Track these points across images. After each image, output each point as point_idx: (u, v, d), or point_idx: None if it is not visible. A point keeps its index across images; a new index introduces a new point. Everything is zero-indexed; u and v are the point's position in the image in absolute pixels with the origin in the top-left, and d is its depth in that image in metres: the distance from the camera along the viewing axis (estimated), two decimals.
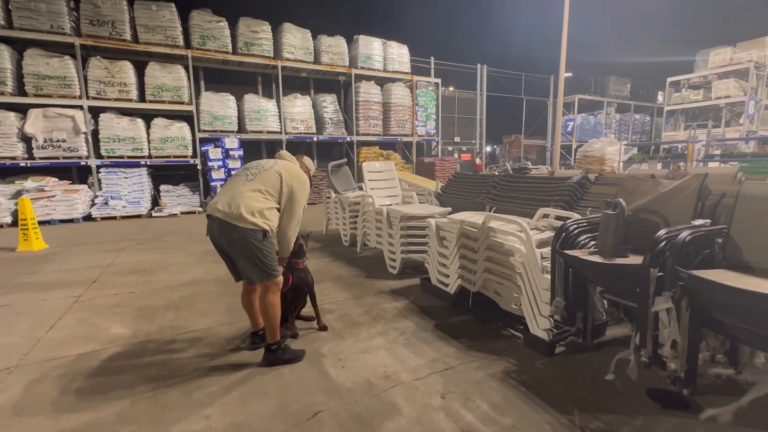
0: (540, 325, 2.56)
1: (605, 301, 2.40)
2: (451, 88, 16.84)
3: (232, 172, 10.17)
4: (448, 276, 3.40)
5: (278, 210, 2.46)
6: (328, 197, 6.50)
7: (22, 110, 8.46)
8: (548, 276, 2.43)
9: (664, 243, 1.84)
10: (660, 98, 20.38)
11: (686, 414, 1.94)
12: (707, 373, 2.10)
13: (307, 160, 2.88)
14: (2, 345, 2.80)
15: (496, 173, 5.22)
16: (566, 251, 2.26)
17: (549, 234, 2.87)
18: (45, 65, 8.51)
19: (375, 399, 2.09)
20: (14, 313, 3.39)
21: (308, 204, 8.50)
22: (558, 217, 3.16)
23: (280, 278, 2.48)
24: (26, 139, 8.51)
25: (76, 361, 2.57)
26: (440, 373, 2.33)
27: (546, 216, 3.27)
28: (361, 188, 5.91)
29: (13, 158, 8.41)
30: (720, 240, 1.96)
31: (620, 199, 2.18)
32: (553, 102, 18.73)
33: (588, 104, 19.25)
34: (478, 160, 16.25)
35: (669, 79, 16.99)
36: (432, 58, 15.18)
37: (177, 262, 5.09)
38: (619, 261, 2.07)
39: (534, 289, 2.56)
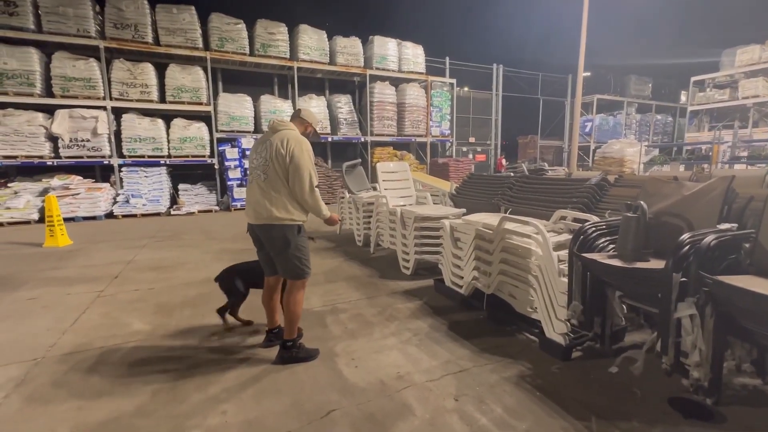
0: (556, 329, 2.51)
1: (624, 306, 2.34)
2: (466, 89, 16.72)
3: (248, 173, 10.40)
4: (462, 277, 3.37)
5: None
6: (342, 197, 6.54)
7: (49, 111, 8.78)
8: (565, 279, 2.38)
9: (687, 247, 1.79)
10: (683, 98, 19.77)
11: (709, 425, 1.87)
12: (732, 382, 2.03)
13: (306, 113, 2.62)
14: (30, 337, 2.91)
15: (512, 174, 5.15)
16: (584, 254, 2.22)
17: (566, 236, 2.82)
18: (71, 67, 8.83)
19: (388, 399, 2.09)
20: (40, 307, 3.52)
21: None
22: (576, 220, 3.09)
23: (306, 282, 2.53)
24: (53, 139, 8.83)
25: (99, 354, 2.65)
26: (454, 375, 2.32)
27: (563, 218, 3.21)
28: (375, 189, 5.92)
29: (41, 157, 8.74)
30: (747, 245, 1.89)
31: (641, 202, 2.12)
32: (570, 102, 18.38)
33: (607, 104, 18.83)
34: (504, 161, 16.04)
35: (693, 78, 16.48)
36: (447, 58, 15.10)
37: (194, 259, 5.20)
38: (639, 265, 2.02)
39: (550, 293, 2.52)
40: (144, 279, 4.35)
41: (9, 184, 8.59)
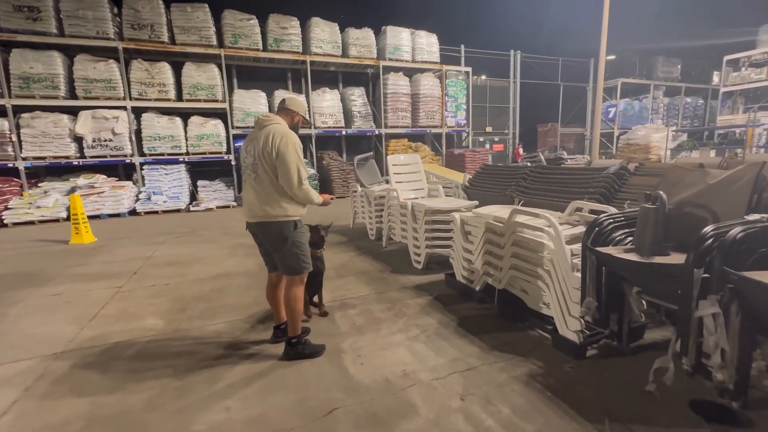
0: (570, 326, 2.41)
1: (644, 302, 2.22)
2: (483, 77, 16.31)
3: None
4: (473, 272, 3.29)
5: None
6: (355, 191, 6.50)
7: (73, 112, 9.09)
8: (579, 274, 2.27)
9: (711, 240, 1.66)
10: (715, 79, 18.64)
11: (735, 429, 1.75)
12: (762, 384, 1.88)
13: (290, 102, 2.53)
14: (52, 331, 3.03)
15: (528, 164, 4.98)
16: (599, 248, 2.10)
17: (581, 229, 2.69)
18: (93, 69, 9.08)
19: (392, 398, 2.06)
20: (64, 302, 3.66)
21: (337, 198, 8.50)
22: (592, 211, 2.95)
23: (305, 278, 2.53)
24: (78, 140, 9.15)
25: (115, 348, 2.72)
26: (461, 374, 2.26)
27: (579, 210, 3.07)
28: (387, 182, 5.86)
29: (67, 157, 9.07)
30: None
31: (661, 192, 1.98)
32: (592, 87, 17.66)
33: (632, 88, 17.98)
34: (521, 150, 15.61)
35: (726, 57, 15.51)
36: (462, 46, 14.74)
37: (210, 255, 5.29)
38: (658, 260, 1.89)
39: (563, 288, 2.41)
40: (161, 275, 4.46)
41: (39, 184, 8.98)
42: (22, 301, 3.70)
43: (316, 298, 3.23)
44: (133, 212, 9.36)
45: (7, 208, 8.24)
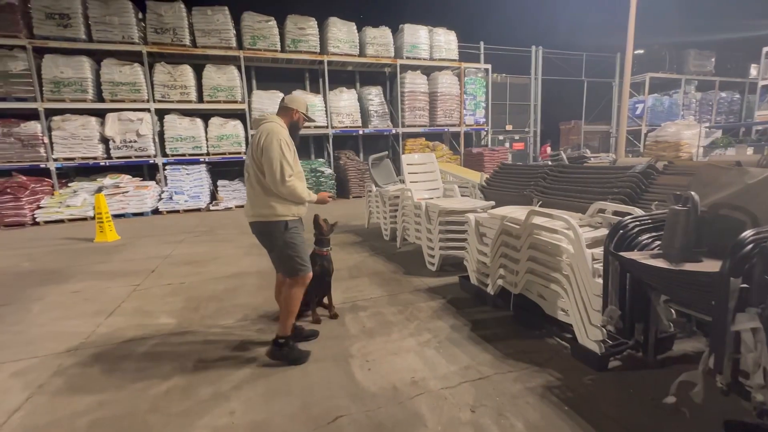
0: (590, 335, 2.26)
1: (673, 311, 2.05)
2: (503, 75, 15.93)
3: None
4: (488, 275, 3.16)
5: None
6: (369, 191, 6.45)
7: (100, 115, 9.42)
8: (600, 280, 2.12)
9: (750, 246, 1.49)
10: (753, 72, 17.57)
11: None
12: None
13: (289, 99, 2.48)
14: (70, 328, 3.10)
15: (549, 163, 4.78)
16: (622, 253, 1.95)
17: (604, 232, 2.53)
18: (118, 73, 9.39)
19: (399, 407, 1.97)
20: (83, 300, 3.76)
21: (353, 198, 8.47)
22: (616, 213, 2.78)
23: (308, 276, 2.47)
24: (105, 141, 9.48)
25: (127, 346, 2.75)
26: (472, 383, 2.15)
27: (601, 211, 2.89)
28: (402, 181, 5.77)
29: (95, 158, 9.41)
30: None
31: (692, 192, 1.82)
32: (618, 83, 16.98)
33: (662, 83, 17.16)
34: (549, 149, 15.12)
35: (765, 49, 14.57)
36: (482, 43, 14.45)
37: (226, 254, 5.35)
38: (689, 267, 1.73)
39: (583, 295, 2.26)
40: (178, 273, 4.52)
41: (69, 184, 9.36)
42: (44, 298, 3.81)
43: (325, 300, 3.19)
44: (155, 211, 9.62)
45: (39, 207, 8.61)
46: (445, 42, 12.75)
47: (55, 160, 9.10)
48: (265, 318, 3.14)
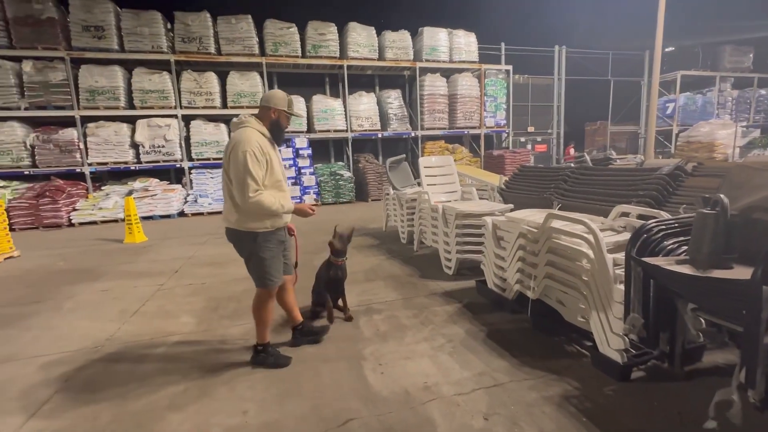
0: (612, 344, 2.17)
1: (702, 320, 1.94)
2: (525, 75, 15.64)
3: (302, 170, 10.78)
4: (506, 280, 3.09)
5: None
6: (387, 194, 6.45)
7: (131, 121, 9.86)
8: (622, 287, 2.04)
9: None
10: None
11: None
12: None
13: (267, 97, 2.35)
14: (97, 326, 3.24)
15: (571, 165, 4.64)
16: (646, 258, 1.87)
17: (627, 236, 2.43)
18: (148, 81, 9.81)
19: (410, 412, 1.95)
20: (110, 298, 3.92)
21: (372, 201, 8.47)
22: (640, 216, 2.66)
23: (275, 290, 2.47)
24: (135, 146, 9.91)
25: (148, 345, 2.85)
26: (486, 390, 2.10)
27: (625, 215, 2.78)
28: (420, 184, 5.74)
29: (126, 162, 9.85)
30: None
31: (721, 195, 1.72)
32: (647, 82, 16.34)
33: (694, 81, 16.39)
34: (572, 150, 14.70)
35: None
36: (502, 43, 14.25)
37: None
38: (717, 273, 1.64)
39: (603, 302, 2.18)
40: (200, 274, 4.66)
41: (102, 187, 9.83)
42: (76, 296, 4.01)
43: (340, 302, 3.20)
44: (181, 213, 9.95)
45: (74, 209, 9.07)
46: (465, 44, 12.65)
47: (90, 164, 9.58)
48: (281, 319, 3.17)
